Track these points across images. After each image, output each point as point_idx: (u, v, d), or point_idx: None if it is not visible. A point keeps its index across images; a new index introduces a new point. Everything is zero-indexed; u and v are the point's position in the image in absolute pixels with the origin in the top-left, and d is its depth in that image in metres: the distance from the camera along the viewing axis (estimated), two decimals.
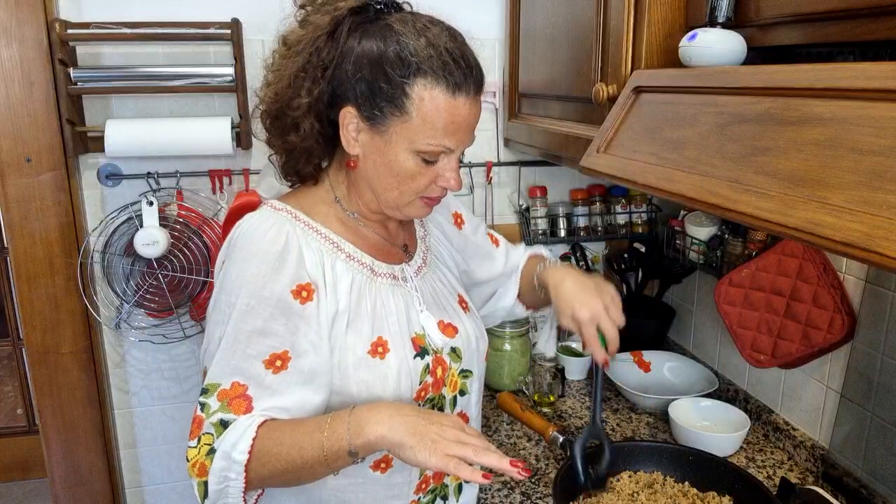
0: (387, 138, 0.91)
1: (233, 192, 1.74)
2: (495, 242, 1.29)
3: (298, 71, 0.92)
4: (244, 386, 0.88)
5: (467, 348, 1.08)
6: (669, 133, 0.88)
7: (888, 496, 1.17)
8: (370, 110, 0.90)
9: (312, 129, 0.94)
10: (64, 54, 1.54)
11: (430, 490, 1.07)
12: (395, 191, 0.96)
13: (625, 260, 1.93)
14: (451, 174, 0.96)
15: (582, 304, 1.04)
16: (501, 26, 1.77)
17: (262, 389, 0.89)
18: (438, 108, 0.89)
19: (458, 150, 0.95)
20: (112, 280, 1.70)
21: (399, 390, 0.96)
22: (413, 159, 0.92)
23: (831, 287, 1.28)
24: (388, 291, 1.01)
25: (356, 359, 0.94)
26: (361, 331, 0.96)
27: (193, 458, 0.87)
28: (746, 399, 1.58)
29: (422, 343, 1.01)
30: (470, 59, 0.92)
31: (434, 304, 1.07)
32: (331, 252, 0.97)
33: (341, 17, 0.90)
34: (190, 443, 0.88)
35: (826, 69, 0.68)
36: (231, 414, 0.87)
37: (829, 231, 0.59)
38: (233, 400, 0.88)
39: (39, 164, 1.60)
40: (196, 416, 0.89)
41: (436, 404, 1.04)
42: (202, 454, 0.87)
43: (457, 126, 0.91)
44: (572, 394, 1.73)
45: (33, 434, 2.94)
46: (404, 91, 0.88)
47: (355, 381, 0.94)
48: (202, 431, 0.87)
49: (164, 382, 1.84)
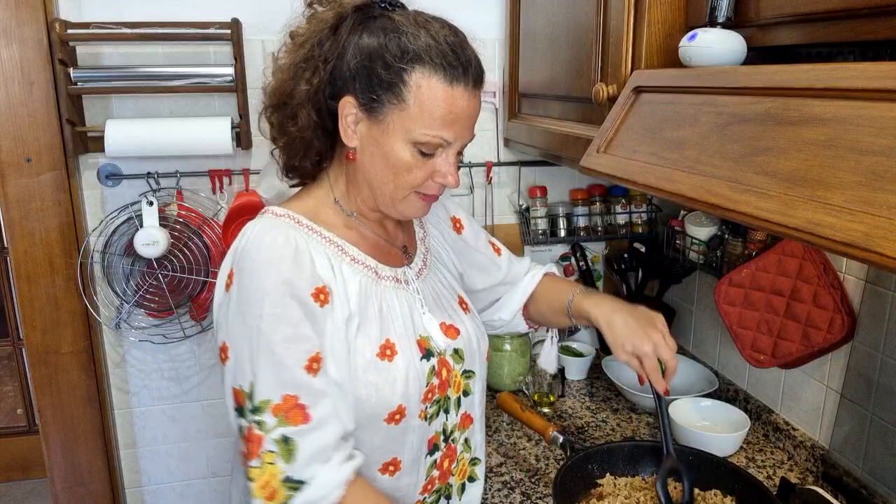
0: (384, 128, 0.91)
1: (233, 192, 1.74)
2: (497, 251, 1.27)
3: (300, 62, 0.93)
4: (295, 396, 0.87)
5: (469, 349, 1.08)
6: (669, 133, 0.88)
7: (888, 496, 1.17)
8: (368, 99, 0.91)
9: (310, 119, 0.94)
10: (64, 54, 1.54)
11: (434, 490, 1.07)
12: (390, 184, 0.95)
13: (625, 260, 1.93)
14: (448, 170, 0.95)
15: (641, 339, 1.05)
16: (501, 26, 1.77)
17: (312, 396, 0.88)
18: (436, 97, 0.89)
19: (455, 145, 0.94)
20: (112, 280, 1.70)
21: (407, 393, 0.96)
22: (410, 150, 0.92)
23: (831, 287, 1.28)
24: (392, 294, 1.01)
25: (365, 362, 0.94)
26: (370, 334, 0.95)
27: (260, 478, 0.86)
28: (746, 399, 1.58)
29: (427, 345, 1.01)
30: (469, 54, 0.92)
31: (436, 305, 1.07)
32: (337, 255, 0.97)
33: (345, 14, 0.92)
34: (251, 462, 0.86)
35: (826, 69, 0.68)
36: (291, 426, 0.86)
37: (829, 231, 0.59)
38: (288, 413, 0.86)
39: (39, 164, 1.59)
40: (253, 436, 0.86)
41: (441, 406, 1.04)
42: (275, 479, 0.85)
43: (454, 117, 0.91)
44: (572, 394, 1.73)
45: (33, 434, 2.94)
46: (402, 78, 0.88)
47: (364, 384, 0.93)
48: (263, 450, 0.86)
49: (164, 382, 1.84)
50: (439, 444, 1.05)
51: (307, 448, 0.86)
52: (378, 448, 0.97)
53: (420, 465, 1.03)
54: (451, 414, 1.06)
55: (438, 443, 1.05)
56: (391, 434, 0.97)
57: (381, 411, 0.95)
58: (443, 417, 1.05)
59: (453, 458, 1.09)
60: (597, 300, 1.15)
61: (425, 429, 1.01)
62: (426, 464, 1.04)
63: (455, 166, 0.96)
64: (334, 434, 0.89)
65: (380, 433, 0.97)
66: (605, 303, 1.13)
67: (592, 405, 1.68)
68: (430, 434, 1.03)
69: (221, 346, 0.92)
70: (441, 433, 1.05)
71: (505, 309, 1.27)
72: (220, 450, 1.93)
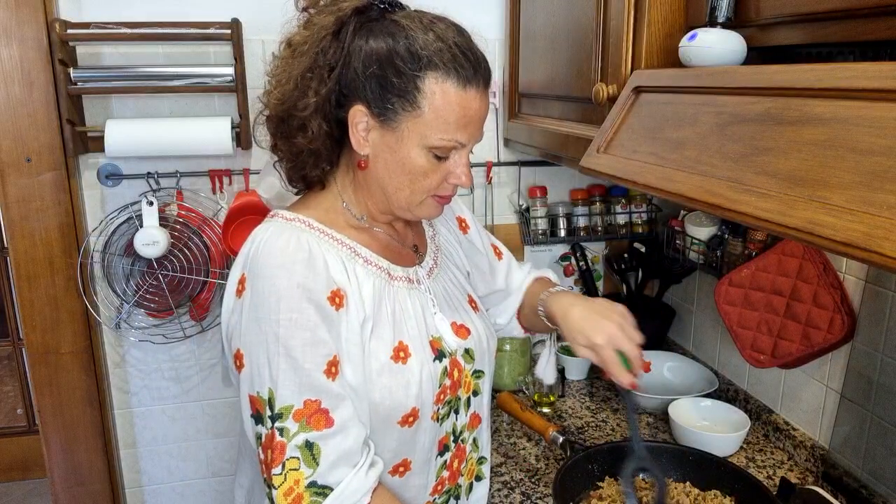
0: (398, 135, 0.90)
1: (233, 192, 1.74)
2: (499, 255, 1.27)
3: (305, 71, 0.91)
4: (317, 401, 0.86)
5: (479, 349, 1.07)
6: (669, 133, 0.88)
7: (888, 496, 1.17)
8: (381, 107, 0.89)
9: (320, 129, 0.92)
10: (64, 54, 1.54)
11: (445, 491, 1.07)
12: (406, 189, 0.94)
13: (625, 260, 1.93)
14: (462, 170, 0.95)
15: (594, 329, 1.00)
16: (501, 26, 1.77)
17: (333, 399, 0.87)
18: (450, 102, 0.88)
19: (469, 146, 0.94)
20: (112, 280, 1.70)
21: (421, 395, 0.95)
22: (425, 156, 0.91)
23: (831, 287, 1.28)
24: (404, 295, 1.00)
25: (380, 365, 0.93)
26: (383, 336, 0.95)
27: (284, 485, 0.84)
28: (746, 399, 1.58)
29: (439, 346, 1.00)
30: (478, 53, 0.92)
31: (447, 305, 1.06)
32: (350, 258, 0.95)
33: (345, 17, 0.90)
34: (274, 470, 0.84)
35: (826, 69, 0.68)
36: (314, 431, 0.85)
37: (829, 231, 0.59)
38: (311, 417, 0.85)
39: (39, 164, 1.59)
40: (275, 443, 0.84)
41: (452, 406, 1.03)
42: (299, 485, 0.84)
43: (468, 120, 0.91)
44: (572, 394, 1.73)
45: (33, 434, 2.94)
46: (416, 85, 0.87)
47: (378, 388, 0.93)
48: (287, 456, 0.84)
49: (164, 382, 1.84)
50: (449, 444, 1.05)
51: (331, 453, 0.85)
52: (390, 450, 0.97)
53: (430, 466, 1.03)
54: (461, 414, 1.06)
55: (449, 443, 1.05)
56: (403, 436, 0.97)
57: (396, 414, 0.94)
58: (453, 418, 1.04)
59: (462, 459, 1.09)
60: (558, 297, 1.11)
61: (436, 430, 1.01)
62: (436, 465, 1.04)
63: (468, 166, 0.96)
64: (357, 438, 0.88)
65: (392, 436, 0.96)
66: (565, 298, 1.10)
67: (592, 405, 1.68)
68: (441, 435, 1.03)
69: (236, 353, 0.90)
70: (451, 434, 1.05)
71: (502, 314, 1.27)
72: (220, 450, 1.93)
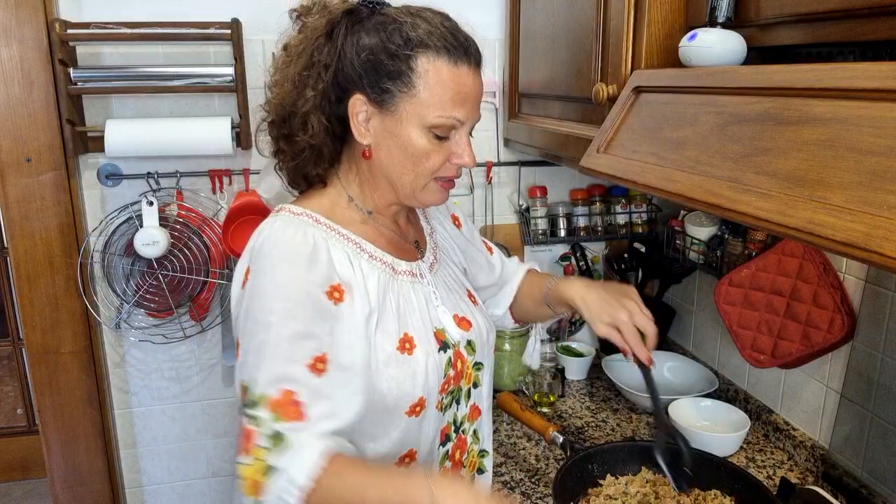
0: (397, 118, 0.93)
1: (233, 192, 1.73)
2: (489, 251, 1.30)
3: (301, 71, 0.95)
4: (293, 392, 0.85)
5: (480, 341, 1.10)
6: (669, 133, 0.88)
7: (888, 496, 1.17)
8: (378, 91, 0.92)
9: (321, 125, 0.95)
10: (64, 54, 1.54)
11: None
12: (410, 174, 0.96)
13: (625, 260, 1.93)
14: (464, 149, 0.97)
15: (616, 308, 1.07)
16: (501, 26, 1.77)
17: (310, 394, 0.86)
18: (443, 79, 0.91)
19: (468, 124, 0.96)
20: (112, 280, 1.70)
21: (428, 385, 0.98)
22: (426, 136, 0.94)
23: (831, 287, 1.28)
24: (408, 288, 1.02)
25: (386, 356, 0.95)
26: (389, 328, 0.97)
27: (248, 475, 0.82)
28: (746, 399, 1.58)
29: (443, 337, 1.03)
30: (466, 35, 0.96)
31: (448, 298, 1.09)
32: (356, 252, 0.98)
33: (336, 19, 0.94)
34: (243, 459, 0.83)
35: (826, 69, 0.68)
36: (284, 422, 0.83)
37: (829, 231, 0.59)
38: (285, 408, 0.84)
39: (39, 164, 1.59)
40: (246, 431, 0.83)
41: (455, 396, 1.06)
42: (258, 472, 0.81)
43: (464, 97, 0.93)
44: (572, 394, 1.73)
45: (33, 434, 2.94)
46: (409, 65, 0.90)
47: (385, 378, 0.94)
48: (254, 444, 0.82)
49: (163, 382, 1.84)
50: (450, 434, 1.07)
51: None
52: (396, 441, 0.99)
53: (434, 456, 1.05)
54: (462, 405, 1.09)
55: (450, 433, 1.07)
56: (410, 426, 0.99)
57: (403, 404, 0.96)
58: (454, 408, 1.07)
59: (464, 450, 1.11)
60: (570, 282, 1.18)
61: (440, 419, 1.03)
62: (439, 455, 1.06)
63: (469, 145, 0.98)
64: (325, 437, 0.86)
65: (400, 426, 0.98)
66: (578, 282, 1.17)
67: (592, 405, 1.68)
68: (443, 424, 1.05)
69: (236, 342, 0.92)
70: (452, 423, 1.07)
71: (498, 305, 1.30)
72: (220, 450, 1.93)
